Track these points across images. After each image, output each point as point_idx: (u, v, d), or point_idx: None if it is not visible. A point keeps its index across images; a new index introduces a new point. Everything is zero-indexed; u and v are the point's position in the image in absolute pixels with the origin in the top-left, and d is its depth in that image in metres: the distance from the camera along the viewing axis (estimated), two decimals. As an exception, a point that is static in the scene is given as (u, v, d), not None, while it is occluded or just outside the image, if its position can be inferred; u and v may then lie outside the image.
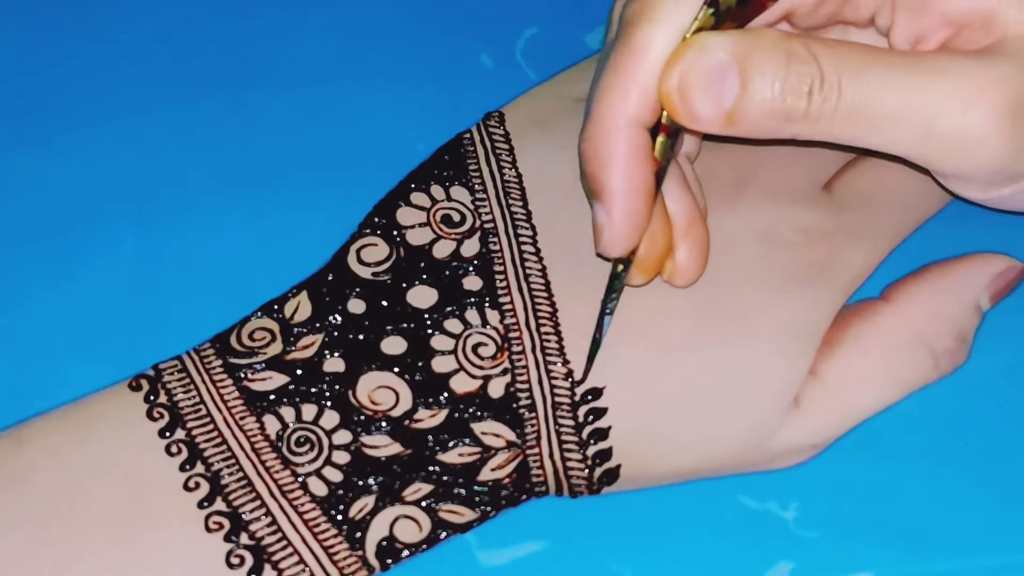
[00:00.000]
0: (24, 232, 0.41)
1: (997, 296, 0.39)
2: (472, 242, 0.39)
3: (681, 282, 0.37)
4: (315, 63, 0.45)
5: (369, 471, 0.35)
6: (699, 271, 0.37)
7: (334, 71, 0.44)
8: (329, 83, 0.44)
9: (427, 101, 0.44)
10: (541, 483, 0.36)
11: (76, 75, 0.44)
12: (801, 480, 0.36)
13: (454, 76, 0.44)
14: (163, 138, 0.43)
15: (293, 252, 0.39)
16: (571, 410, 0.36)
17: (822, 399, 0.37)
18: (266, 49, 0.45)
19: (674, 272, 0.37)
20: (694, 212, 0.37)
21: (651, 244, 0.36)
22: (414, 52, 0.45)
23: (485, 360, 0.37)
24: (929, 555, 0.35)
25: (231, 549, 0.34)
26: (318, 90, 0.44)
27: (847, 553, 0.35)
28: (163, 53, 0.45)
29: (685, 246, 0.37)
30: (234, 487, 0.35)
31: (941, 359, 0.38)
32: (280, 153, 0.43)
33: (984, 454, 0.37)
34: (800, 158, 0.41)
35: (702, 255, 0.37)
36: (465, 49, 0.45)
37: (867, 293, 0.39)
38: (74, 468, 0.34)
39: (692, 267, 0.37)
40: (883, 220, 0.40)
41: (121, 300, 0.40)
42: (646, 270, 0.37)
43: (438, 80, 0.44)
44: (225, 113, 0.43)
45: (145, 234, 0.41)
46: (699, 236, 0.37)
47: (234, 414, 0.36)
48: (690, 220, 0.37)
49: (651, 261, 0.37)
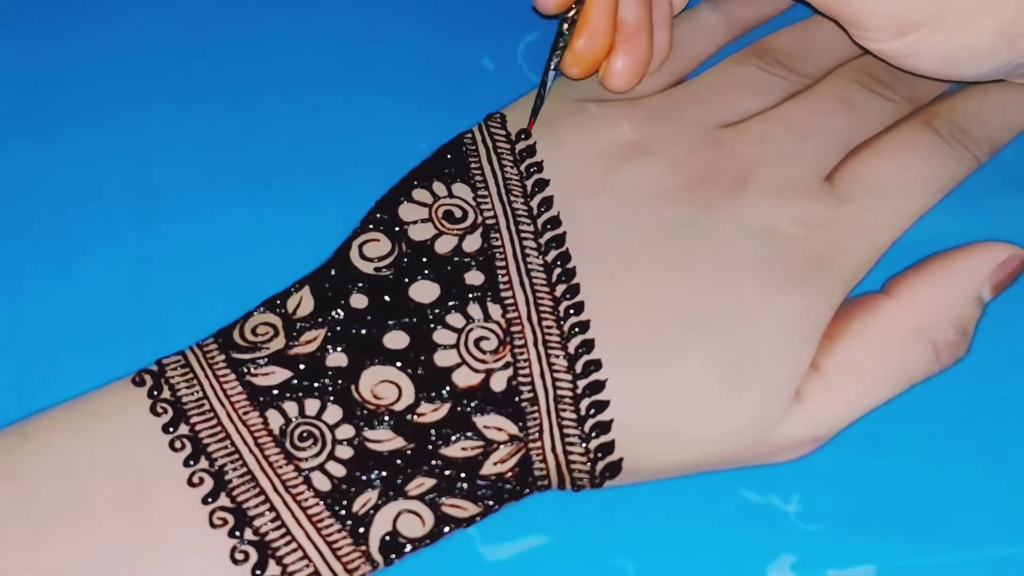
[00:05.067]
0: (27, 228, 0.41)
1: (999, 286, 0.39)
2: (474, 238, 0.39)
3: (611, 85, 0.42)
4: (319, 65, 0.45)
5: (372, 466, 0.35)
6: (631, 80, 0.42)
7: (338, 73, 0.45)
8: (333, 85, 0.44)
9: (429, 103, 0.44)
10: (543, 477, 0.36)
11: (78, 72, 0.44)
12: (803, 473, 0.36)
13: (456, 79, 0.45)
14: (167, 134, 0.43)
15: (296, 248, 0.39)
16: (573, 403, 0.36)
17: (823, 392, 0.37)
18: (271, 51, 0.45)
19: (606, 74, 0.42)
20: (642, 23, 0.41)
21: (591, 39, 0.41)
22: (417, 55, 0.45)
23: (487, 354, 0.37)
24: (931, 548, 0.35)
25: (235, 545, 0.34)
26: (322, 91, 0.44)
27: (849, 546, 0.35)
28: (166, 51, 0.45)
29: (623, 52, 0.41)
30: (238, 482, 0.35)
31: (942, 352, 0.38)
32: (284, 152, 0.43)
33: (986, 446, 0.37)
34: (801, 150, 0.41)
35: (637, 65, 0.42)
36: (467, 52, 0.45)
37: (869, 287, 0.39)
38: (78, 464, 0.35)
39: (625, 74, 0.42)
40: (884, 210, 0.40)
41: (124, 295, 0.40)
42: (582, 63, 0.41)
43: (440, 83, 0.44)
44: (229, 114, 0.43)
45: (148, 230, 0.41)
46: (639, 46, 0.41)
47: (237, 409, 0.36)
48: (636, 28, 0.41)
49: (589, 56, 0.41)
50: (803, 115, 0.42)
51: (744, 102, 0.43)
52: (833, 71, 0.44)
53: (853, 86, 0.43)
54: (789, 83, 0.44)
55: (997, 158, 0.42)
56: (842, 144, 0.42)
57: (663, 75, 0.44)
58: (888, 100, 0.43)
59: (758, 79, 0.44)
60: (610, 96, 0.43)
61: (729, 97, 0.43)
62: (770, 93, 0.44)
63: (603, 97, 0.43)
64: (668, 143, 0.41)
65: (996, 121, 0.43)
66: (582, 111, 0.42)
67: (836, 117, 0.42)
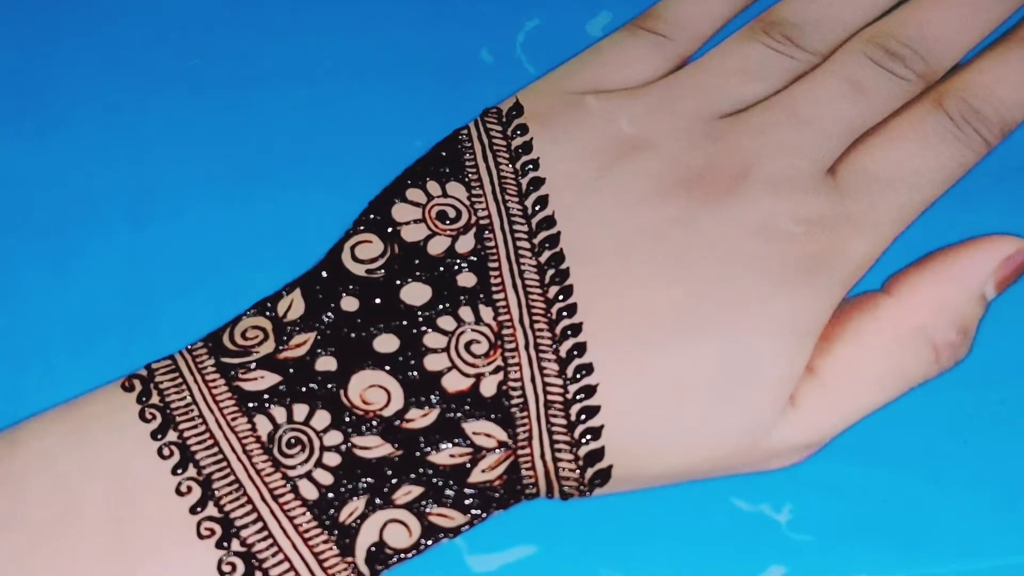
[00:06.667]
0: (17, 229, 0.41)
1: (1004, 283, 0.38)
2: (467, 238, 0.39)
3: None
4: (311, 59, 0.44)
5: (359, 473, 0.35)
6: None
7: (330, 67, 0.44)
8: (326, 79, 0.44)
9: (425, 98, 0.43)
10: (532, 484, 0.36)
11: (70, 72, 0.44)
12: (795, 482, 0.36)
13: (453, 72, 0.44)
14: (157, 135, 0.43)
15: (290, 249, 0.39)
16: (564, 408, 0.36)
17: (819, 397, 0.36)
18: (261, 45, 0.45)
19: None
20: None
21: None
22: (413, 48, 0.45)
23: (478, 358, 0.37)
24: (926, 559, 0.35)
25: (222, 556, 0.34)
26: (314, 86, 0.44)
27: (841, 557, 0.35)
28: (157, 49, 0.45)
29: None
30: (225, 491, 0.35)
31: (943, 353, 0.37)
32: (276, 150, 0.42)
33: (983, 453, 0.37)
34: (804, 141, 0.40)
35: None
36: (465, 45, 0.45)
37: (869, 285, 0.38)
38: (68, 472, 0.35)
39: None
40: (888, 203, 0.39)
41: (116, 297, 0.40)
42: None
43: (437, 76, 0.44)
44: (220, 110, 0.43)
45: (139, 232, 0.41)
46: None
47: (226, 415, 0.36)
48: None
49: None
50: (808, 101, 0.41)
51: (747, 88, 0.42)
52: (844, 43, 0.43)
53: (863, 63, 0.42)
54: (796, 62, 0.43)
55: (1003, 145, 0.41)
56: (848, 131, 0.41)
57: (666, 58, 0.43)
58: (899, 79, 0.42)
59: (763, 61, 0.43)
60: (608, 87, 0.42)
61: (732, 82, 0.42)
62: (775, 76, 0.42)
63: (601, 88, 0.42)
64: (667, 137, 0.41)
65: (1011, 97, 0.42)
66: (580, 105, 0.42)
67: (843, 101, 0.41)
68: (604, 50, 0.43)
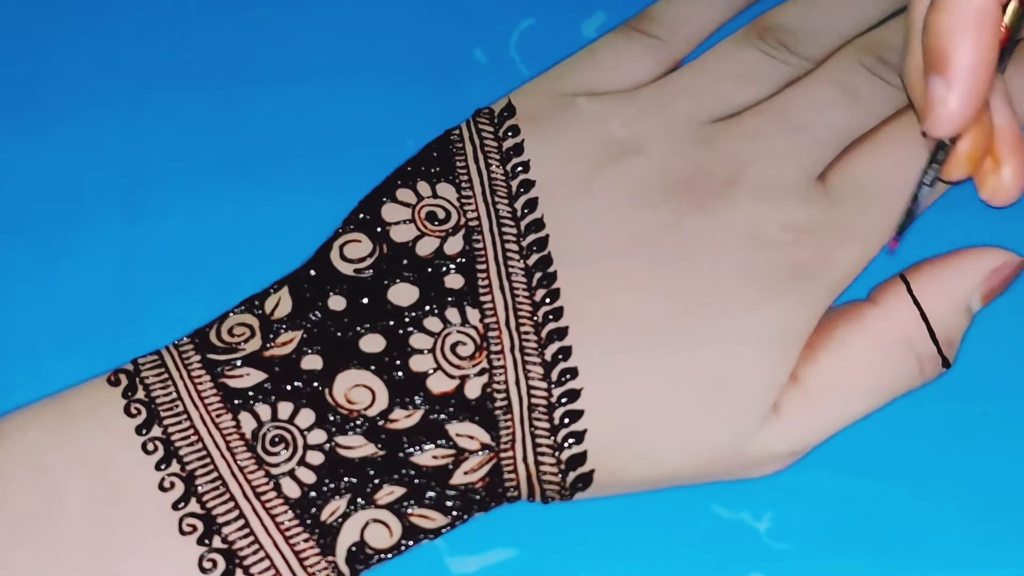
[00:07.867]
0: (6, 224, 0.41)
1: (990, 295, 0.38)
2: (456, 240, 0.39)
3: (1000, 200, 0.38)
4: (304, 56, 0.44)
5: (342, 473, 0.35)
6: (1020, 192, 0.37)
7: (322, 66, 0.44)
8: (317, 78, 0.44)
9: (418, 97, 0.43)
10: (513, 487, 0.36)
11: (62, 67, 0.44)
12: (776, 490, 0.36)
13: (446, 71, 0.44)
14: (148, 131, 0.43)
15: (279, 247, 0.39)
16: (547, 412, 0.36)
17: (803, 405, 0.36)
18: (254, 42, 0.44)
19: (997, 189, 0.38)
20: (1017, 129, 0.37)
21: (975, 141, 0.36)
22: (406, 46, 0.44)
23: (463, 360, 0.37)
24: (904, 569, 0.35)
25: (204, 553, 0.34)
26: (307, 84, 0.43)
27: (821, 566, 0.35)
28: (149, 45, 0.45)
29: (1014, 163, 0.37)
30: (208, 487, 0.35)
31: (927, 364, 0.37)
32: (267, 147, 0.42)
33: (965, 465, 0.37)
34: (795, 147, 0.40)
35: None
36: (458, 44, 0.44)
37: (855, 294, 0.38)
38: (52, 466, 0.35)
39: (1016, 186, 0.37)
40: (877, 211, 0.39)
41: (105, 293, 0.40)
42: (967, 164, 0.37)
43: (430, 76, 0.44)
44: (212, 106, 0.43)
45: (129, 228, 0.41)
46: None
47: (210, 411, 0.36)
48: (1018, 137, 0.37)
49: (973, 157, 0.37)
50: (800, 107, 0.41)
51: (740, 92, 0.42)
52: (838, 50, 0.43)
53: (856, 70, 0.42)
54: (790, 68, 0.43)
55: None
56: (839, 138, 0.41)
57: (660, 61, 0.43)
58: (892, 86, 0.42)
59: (757, 65, 0.43)
60: (601, 89, 0.42)
61: (725, 86, 0.42)
62: (769, 81, 0.42)
63: (594, 90, 0.42)
64: (658, 141, 0.41)
65: None
66: (572, 107, 0.42)
67: (835, 108, 0.41)
68: (598, 51, 0.43)
